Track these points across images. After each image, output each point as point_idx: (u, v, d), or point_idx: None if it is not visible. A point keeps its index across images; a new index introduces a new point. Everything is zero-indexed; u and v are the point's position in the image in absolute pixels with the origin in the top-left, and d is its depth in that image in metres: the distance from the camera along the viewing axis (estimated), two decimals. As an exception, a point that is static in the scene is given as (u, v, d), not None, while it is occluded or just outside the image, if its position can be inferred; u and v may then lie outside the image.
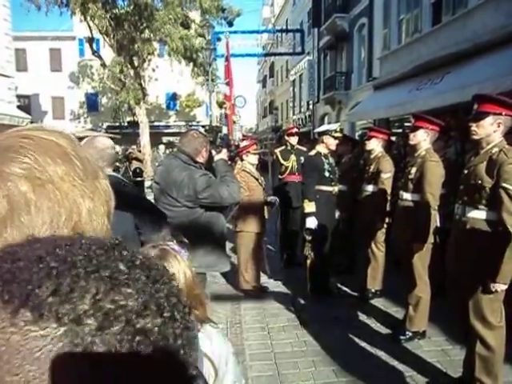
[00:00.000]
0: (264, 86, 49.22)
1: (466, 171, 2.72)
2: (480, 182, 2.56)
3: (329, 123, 17.72)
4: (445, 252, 2.93)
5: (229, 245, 4.98)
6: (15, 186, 0.49)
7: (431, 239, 3.54)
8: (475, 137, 2.62)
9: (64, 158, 0.54)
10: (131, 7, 16.14)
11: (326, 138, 4.61)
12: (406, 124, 11.88)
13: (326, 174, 4.62)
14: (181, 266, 1.20)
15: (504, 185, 2.43)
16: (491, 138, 2.58)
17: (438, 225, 3.63)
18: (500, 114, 2.55)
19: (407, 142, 4.07)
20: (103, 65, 18.31)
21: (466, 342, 2.87)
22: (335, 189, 4.73)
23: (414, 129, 3.72)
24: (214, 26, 19.43)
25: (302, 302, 4.72)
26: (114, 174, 2.48)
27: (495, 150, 2.54)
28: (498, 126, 2.56)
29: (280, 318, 4.35)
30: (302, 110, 28.35)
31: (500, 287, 2.48)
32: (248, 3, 59.99)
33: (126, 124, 27.25)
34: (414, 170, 3.68)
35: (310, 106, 24.94)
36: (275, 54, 31.76)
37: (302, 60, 25.31)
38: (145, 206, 2.58)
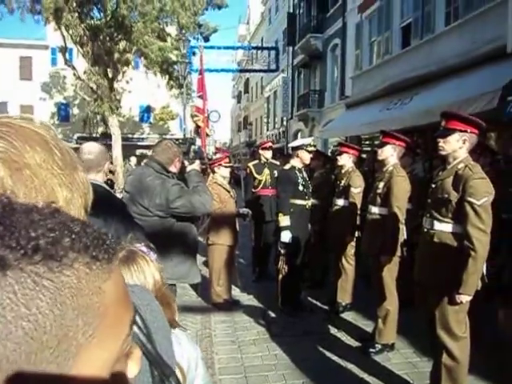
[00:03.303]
0: (239, 102, 49.59)
1: (433, 185, 2.81)
2: (447, 195, 2.64)
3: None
4: (412, 264, 2.99)
5: (200, 258, 4.94)
6: None
7: (399, 252, 3.62)
8: (442, 152, 2.71)
9: (43, 146, 0.53)
10: (108, 18, 16.05)
11: (301, 153, 4.67)
12: (377, 142, 12.18)
13: (300, 187, 4.67)
14: (150, 267, 1.18)
15: (469, 199, 2.52)
16: (457, 154, 2.67)
17: (405, 237, 3.72)
18: (465, 132, 2.65)
19: (376, 157, 4.17)
20: (76, 75, 18.05)
21: (433, 353, 2.92)
22: (309, 203, 4.78)
23: (382, 144, 3.84)
24: (190, 40, 19.54)
25: (273, 315, 4.70)
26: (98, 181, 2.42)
27: (461, 165, 2.63)
28: (464, 143, 2.66)
29: (251, 331, 4.31)
30: (276, 126, 28.68)
31: (465, 298, 2.55)
32: (224, 20, 60.72)
33: (97, 135, 26.80)
34: (381, 184, 3.78)
35: (284, 123, 25.27)
36: (250, 71, 32.14)
37: (277, 77, 25.71)
38: (124, 215, 2.53)
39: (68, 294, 0.33)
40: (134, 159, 15.92)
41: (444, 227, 2.69)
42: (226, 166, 5.02)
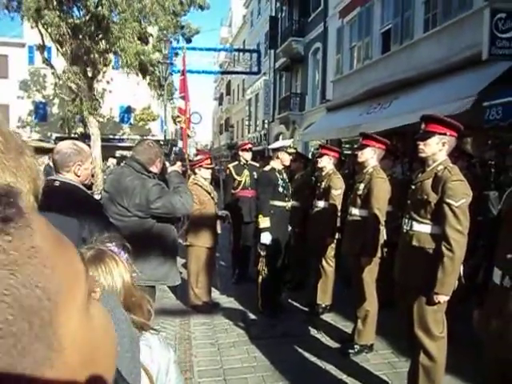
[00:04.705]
0: (220, 104, 49.50)
1: (413, 187, 2.85)
2: (426, 197, 2.68)
3: (283, 142, 18.01)
4: (392, 265, 3.02)
5: (180, 260, 4.89)
6: None
7: (379, 253, 3.66)
8: (422, 154, 2.74)
9: None
10: (87, 17, 15.81)
11: (281, 154, 4.68)
12: (357, 146, 12.31)
13: (280, 189, 4.67)
14: (119, 267, 1.14)
15: (448, 200, 2.56)
16: (437, 157, 2.71)
17: (385, 238, 3.75)
18: (445, 134, 2.69)
19: (356, 160, 4.21)
20: (55, 74, 17.72)
21: (411, 353, 2.95)
22: (289, 204, 4.79)
23: (362, 147, 3.88)
24: (172, 41, 19.41)
25: (253, 317, 4.69)
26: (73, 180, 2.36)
27: (440, 167, 2.67)
28: (443, 146, 2.70)
29: (230, 333, 4.28)
30: (258, 128, 28.72)
31: (442, 298, 2.58)
32: (206, 22, 60.66)
33: (76, 136, 26.34)
34: (362, 186, 3.82)
35: (266, 125, 25.32)
36: (232, 73, 32.14)
37: (259, 80, 25.76)
38: (98, 215, 2.48)
39: (6, 273, 0.30)
40: (112, 160, 15.73)
41: (423, 228, 2.73)
42: (207, 168, 4.99)
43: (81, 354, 0.35)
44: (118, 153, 24.38)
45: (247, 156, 6.16)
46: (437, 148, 2.70)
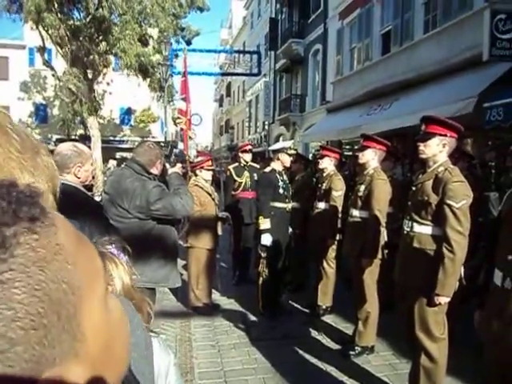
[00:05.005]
0: (221, 105, 49.51)
1: (413, 188, 2.85)
2: (426, 198, 2.68)
3: (283, 144, 18.02)
4: (393, 267, 3.02)
5: (181, 262, 4.88)
6: None
7: (379, 255, 3.65)
8: (422, 156, 2.74)
9: None
10: (88, 19, 15.84)
11: (282, 156, 4.68)
12: (357, 147, 12.32)
13: (281, 190, 4.67)
14: (118, 270, 1.13)
15: (448, 202, 2.55)
16: (437, 158, 2.71)
17: (386, 240, 3.75)
18: (445, 136, 2.69)
19: (357, 161, 4.21)
20: (55, 75, 17.74)
21: (412, 355, 2.95)
22: (289, 205, 4.78)
23: (363, 148, 3.87)
24: (172, 43, 19.42)
25: (253, 319, 4.68)
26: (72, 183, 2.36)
27: (441, 168, 2.67)
28: (444, 147, 2.70)
29: (231, 335, 4.28)
30: (258, 130, 28.72)
31: (443, 300, 2.58)
32: (207, 24, 60.75)
33: (76, 137, 26.35)
34: (362, 187, 3.81)
35: (266, 127, 25.32)
36: (232, 74, 32.12)
37: (259, 81, 25.80)
38: (99, 217, 2.48)
39: (36, 270, 0.32)
40: (113, 162, 15.73)
41: (423, 229, 2.72)
42: (208, 169, 4.99)
43: (100, 344, 0.37)
44: (119, 154, 24.41)
45: (247, 157, 6.16)
46: (437, 149, 2.70)
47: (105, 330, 0.38)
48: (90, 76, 17.02)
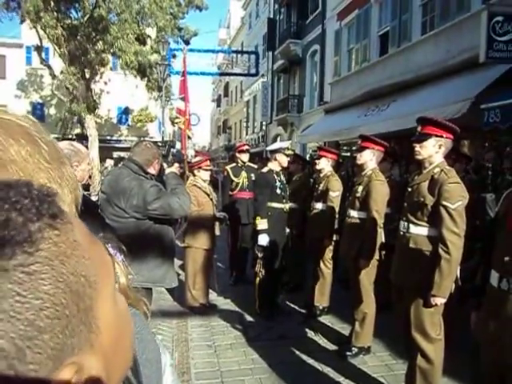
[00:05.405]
0: (218, 106, 49.49)
1: (409, 189, 2.85)
2: (422, 199, 2.68)
3: (281, 144, 18.05)
4: (390, 268, 3.02)
5: (178, 262, 4.88)
6: None
7: (377, 255, 3.66)
8: (418, 157, 2.75)
9: (27, 138, 0.51)
10: (85, 18, 15.80)
11: (279, 156, 4.68)
12: (355, 148, 12.34)
13: (278, 191, 4.67)
14: (114, 269, 1.13)
15: (444, 203, 2.56)
16: (433, 159, 2.72)
17: (383, 241, 3.75)
18: (441, 137, 2.70)
19: (355, 162, 4.21)
20: (52, 74, 17.69)
21: (408, 355, 2.95)
22: (286, 206, 4.78)
23: (361, 149, 3.87)
24: (170, 42, 19.40)
25: (250, 319, 4.68)
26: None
27: (437, 169, 2.68)
28: (440, 148, 2.71)
29: (227, 335, 4.27)
30: (256, 130, 28.74)
31: (439, 301, 2.58)
32: (205, 24, 60.74)
33: (73, 137, 26.28)
34: (360, 188, 3.82)
35: (263, 127, 25.34)
36: (230, 74, 32.11)
37: (257, 82, 25.81)
38: (95, 217, 2.47)
39: (59, 263, 0.34)
40: (110, 162, 15.69)
41: (419, 230, 2.73)
42: (206, 169, 4.99)
43: (111, 335, 0.39)
44: (116, 154, 24.35)
45: (244, 157, 6.15)
46: (433, 150, 2.70)
47: (115, 324, 0.40)
48: (87, 75, 16.98)
